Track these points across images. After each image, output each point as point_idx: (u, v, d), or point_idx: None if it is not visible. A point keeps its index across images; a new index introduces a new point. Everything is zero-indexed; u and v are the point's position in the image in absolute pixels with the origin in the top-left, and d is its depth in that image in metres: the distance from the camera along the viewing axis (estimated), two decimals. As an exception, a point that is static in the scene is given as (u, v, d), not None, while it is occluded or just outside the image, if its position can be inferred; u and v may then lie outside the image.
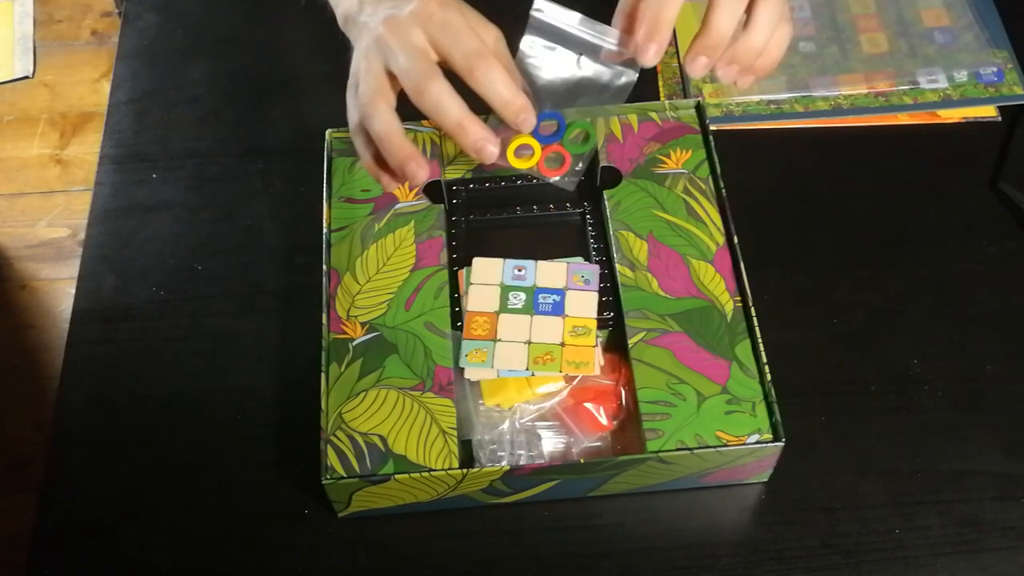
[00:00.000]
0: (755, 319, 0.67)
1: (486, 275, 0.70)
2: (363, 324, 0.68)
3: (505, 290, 0.69)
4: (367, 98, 0.63)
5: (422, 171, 0.62)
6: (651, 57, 0.62)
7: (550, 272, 0.70)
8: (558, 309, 0.68)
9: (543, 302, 0.69)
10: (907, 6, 0.90)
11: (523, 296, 0.69)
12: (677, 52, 0.87)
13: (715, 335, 0.67)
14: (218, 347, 0.74)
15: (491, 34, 0.65)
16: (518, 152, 0.66)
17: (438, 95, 0.61)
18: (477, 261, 0.71)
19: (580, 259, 0.71)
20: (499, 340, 0.67)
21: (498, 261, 0.71)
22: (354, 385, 0.66)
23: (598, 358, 0.67)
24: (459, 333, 0.68)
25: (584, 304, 0.69)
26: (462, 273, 0.71)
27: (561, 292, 0.69)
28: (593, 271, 0.70)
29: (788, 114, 0.84)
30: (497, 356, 0.66)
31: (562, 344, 0.67)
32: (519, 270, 0.70)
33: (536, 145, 0.66)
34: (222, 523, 0.67)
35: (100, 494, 0.69)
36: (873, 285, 0.76)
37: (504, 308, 0.69)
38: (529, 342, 0.67)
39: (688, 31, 0.89)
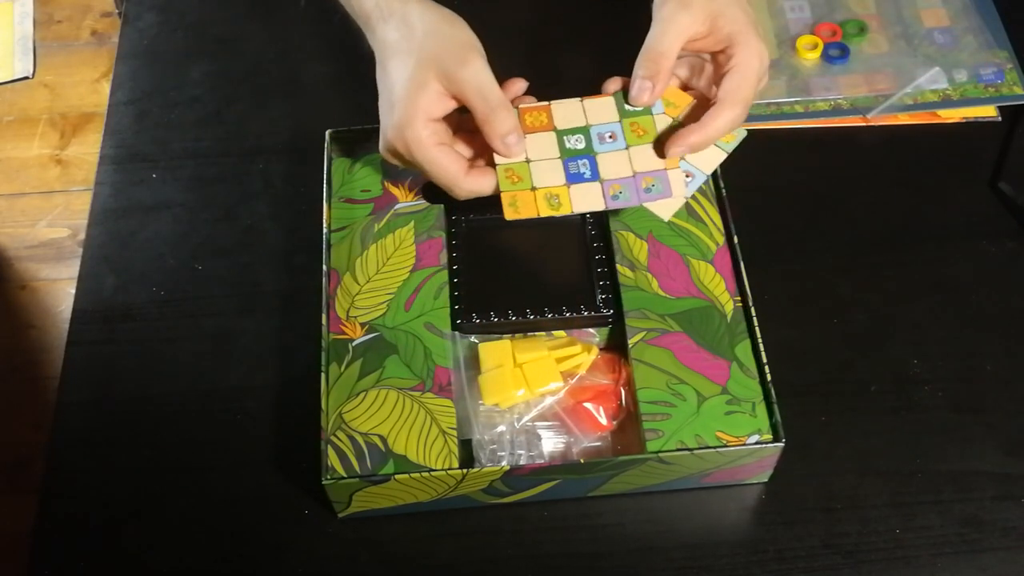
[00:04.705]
0: (755, 319, 0.67)
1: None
2: (363, 324, 0.68)
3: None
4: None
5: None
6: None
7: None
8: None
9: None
10: (907, 6, 0.90)
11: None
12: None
13: (715, 335, 0.67)
14: (218, 347, 0.74)
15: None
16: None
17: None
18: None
19: None
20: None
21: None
22: (354, 385, 0.66)
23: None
24: (458, 333, 0.68)
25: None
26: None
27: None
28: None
29: (788, 114, 0.84)
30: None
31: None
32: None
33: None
34: (222, 523, 0.67)
35: (100, 494, 0.69)
36: (873, 285, 0.76)
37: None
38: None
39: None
